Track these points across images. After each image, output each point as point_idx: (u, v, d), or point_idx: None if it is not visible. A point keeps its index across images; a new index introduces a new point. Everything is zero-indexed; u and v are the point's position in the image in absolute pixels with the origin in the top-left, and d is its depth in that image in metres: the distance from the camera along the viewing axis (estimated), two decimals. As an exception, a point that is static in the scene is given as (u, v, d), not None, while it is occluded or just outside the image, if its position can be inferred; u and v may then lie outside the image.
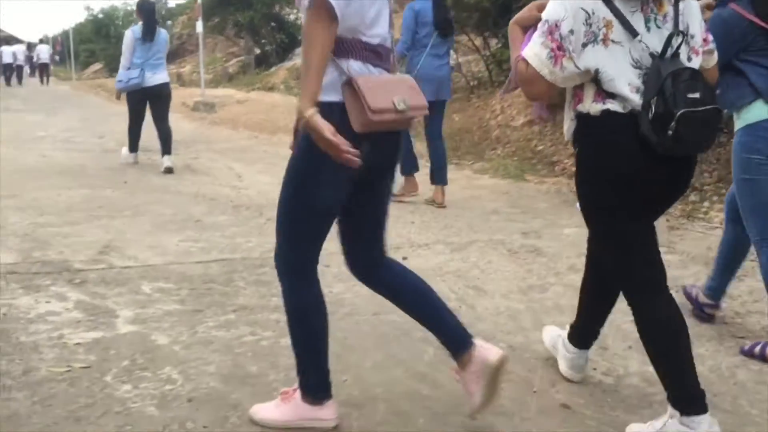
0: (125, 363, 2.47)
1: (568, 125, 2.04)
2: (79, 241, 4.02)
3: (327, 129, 1.71)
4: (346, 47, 1.82)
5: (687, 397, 1.97)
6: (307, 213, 1.89)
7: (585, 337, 2.43)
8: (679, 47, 1.91)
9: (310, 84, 1.74)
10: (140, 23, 6.79)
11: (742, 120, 2.64)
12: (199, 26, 13.61)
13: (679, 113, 1.80)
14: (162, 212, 4.98)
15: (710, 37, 2.10)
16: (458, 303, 3.22)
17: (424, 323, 2.11)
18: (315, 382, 2.03)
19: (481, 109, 9.51)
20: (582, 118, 1.97)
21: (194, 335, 2.76)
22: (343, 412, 2.16)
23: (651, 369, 2.07)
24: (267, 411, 2.09)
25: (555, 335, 2.58)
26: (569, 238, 4.43)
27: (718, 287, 3.03)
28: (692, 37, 1.98)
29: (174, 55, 23.11)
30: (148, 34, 6.70)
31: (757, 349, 2.67)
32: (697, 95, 1.85)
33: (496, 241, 4.40)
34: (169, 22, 25.47)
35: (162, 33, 6.93)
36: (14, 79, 25.38)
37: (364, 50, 1.85)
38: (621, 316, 2.54)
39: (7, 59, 25.48)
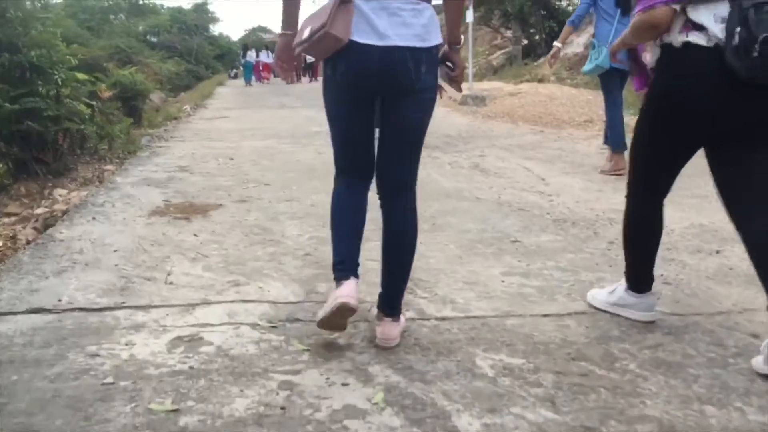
0: None
1: (653, 53, 2.19)
2: (373, 267, 2.73)
3: (277, 54, 2.27)
4: None
5: (642, 280, 2.44)
6: (329, 122, 2.27)
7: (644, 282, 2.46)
8: None
9: (283, 13, 2.20)
10: None
11: None
12: (470, 15, 12.45)
13: (762, 36, 1.88)
14: (466, 227, 3.80)
15: None
16: None
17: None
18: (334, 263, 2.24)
19: None
20: (666, 48, 2.12)
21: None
22: None
23: None
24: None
25: (607, 292, 2.55)
26: None
27: None
28: None
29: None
30: None
31: None
32: None
33: None
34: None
35: None
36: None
37: None
38: None
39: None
